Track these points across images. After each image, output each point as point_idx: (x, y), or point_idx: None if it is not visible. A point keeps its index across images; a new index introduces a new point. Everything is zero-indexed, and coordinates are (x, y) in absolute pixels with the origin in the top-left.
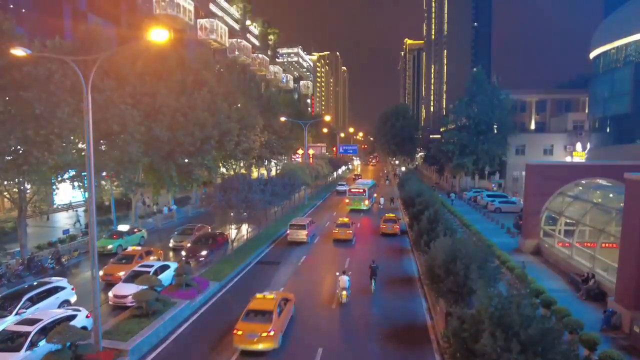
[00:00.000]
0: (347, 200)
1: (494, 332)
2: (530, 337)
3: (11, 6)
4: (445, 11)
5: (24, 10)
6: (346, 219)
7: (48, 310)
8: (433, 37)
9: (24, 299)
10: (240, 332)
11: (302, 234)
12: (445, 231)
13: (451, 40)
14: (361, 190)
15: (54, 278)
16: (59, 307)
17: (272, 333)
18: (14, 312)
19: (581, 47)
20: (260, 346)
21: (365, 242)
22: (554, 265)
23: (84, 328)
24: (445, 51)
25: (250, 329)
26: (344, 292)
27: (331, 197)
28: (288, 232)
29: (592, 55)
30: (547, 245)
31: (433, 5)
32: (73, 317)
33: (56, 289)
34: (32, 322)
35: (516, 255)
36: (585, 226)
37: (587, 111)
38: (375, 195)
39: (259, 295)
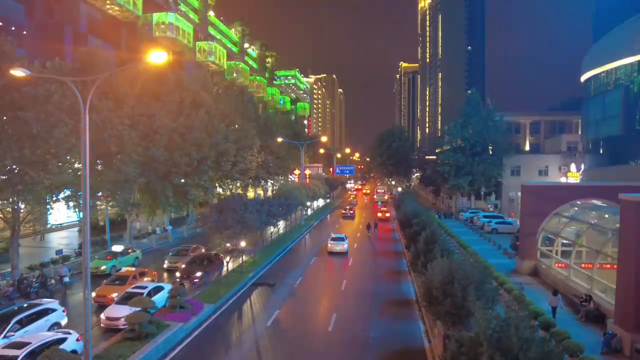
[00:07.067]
0: (375, 197)
1: (493, 355)
2: None
3: (13, 28)
4: (440, 35)
5: (25, 32)
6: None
7: (37, 333)
8: (428, 60)
9: (12, 321)
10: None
11: (342, 247)
12: (442, 252)
13: (445, 63)
14: (383, 191)
15: (44, 300)
16: (49, 329)
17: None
18: (2, 335)
19: (573, 70)
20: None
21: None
22: (551, 287)
23: (74, 352)
24: (440, 74)
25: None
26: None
27: (324, 220)
28: (329, 244)
29: (583, 78)
30: (544, 266)
31: (427, 29)
32: (63, 340)
33: (46, 311)
34: (20, 345)
35: (514, 276)
36: (582, 247)
37: (580, 133)
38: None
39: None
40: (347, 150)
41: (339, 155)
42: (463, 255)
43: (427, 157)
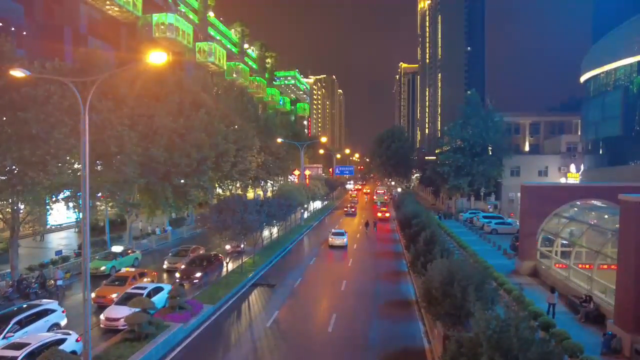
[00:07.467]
0: (374, 197)
1: (493, 355)
2: None
3: (12, 28)
4: (439, 36)
5: (25, 33)
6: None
7: (37, 334)
8: (427, 61)
9: (12, 322)
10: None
11: (342, 240)
12: (442, 253)
13: (445, 64)
14: (382, 192)
15: (44, 300)
16: (49, 330)
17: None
18: (1, 336)
19: (572, 71)
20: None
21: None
22: (551, 287)
23: (74, 352)
24: (440, 75)
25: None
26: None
27: (324, 220)
28: (330, 239)
29: (582, 79)
30: (544, 267)
31: (427, 30)
32: (62, 341)
33: (46, 312)
34: (19, 346)
35: (513, 277)
36: (582, 247)
37: (580, 133)
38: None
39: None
40: (347, 151)
41: (338, 156)
42: (463, 256)
43: (426, 157)
